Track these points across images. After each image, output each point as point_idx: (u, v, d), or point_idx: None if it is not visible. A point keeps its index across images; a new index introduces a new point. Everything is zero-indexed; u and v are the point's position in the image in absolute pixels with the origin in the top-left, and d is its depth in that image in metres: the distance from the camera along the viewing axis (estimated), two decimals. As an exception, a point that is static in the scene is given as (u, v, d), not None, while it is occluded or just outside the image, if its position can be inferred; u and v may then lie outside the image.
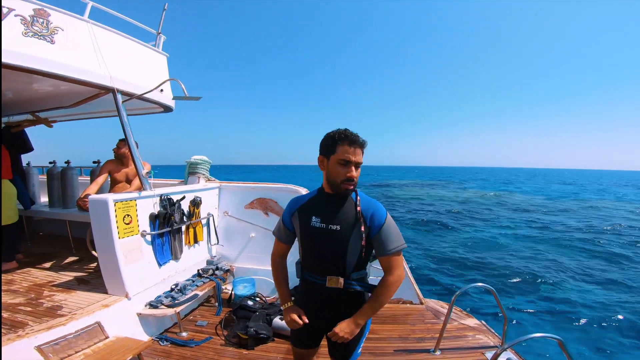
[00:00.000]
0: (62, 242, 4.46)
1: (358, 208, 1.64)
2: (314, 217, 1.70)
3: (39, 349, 2.25)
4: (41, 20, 2.66)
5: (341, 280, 1.65)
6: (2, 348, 2.13)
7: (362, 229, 1.62)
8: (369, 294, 1.69)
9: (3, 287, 3.24)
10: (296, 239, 1.86)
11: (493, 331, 3.27)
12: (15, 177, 4.11)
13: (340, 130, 1.63)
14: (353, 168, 1.61)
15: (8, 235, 3.84)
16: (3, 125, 4.39)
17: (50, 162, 4.87)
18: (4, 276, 3.56)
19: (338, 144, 1.61)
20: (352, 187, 1.64)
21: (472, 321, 3.43)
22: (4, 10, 2.41)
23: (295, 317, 1.71)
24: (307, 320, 1.71)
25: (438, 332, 3.11)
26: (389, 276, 1.63)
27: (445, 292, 7.59)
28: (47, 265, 3.91)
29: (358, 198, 1.67)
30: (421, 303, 3.82)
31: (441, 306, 3.78)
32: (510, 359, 2.69)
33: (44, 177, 5.23)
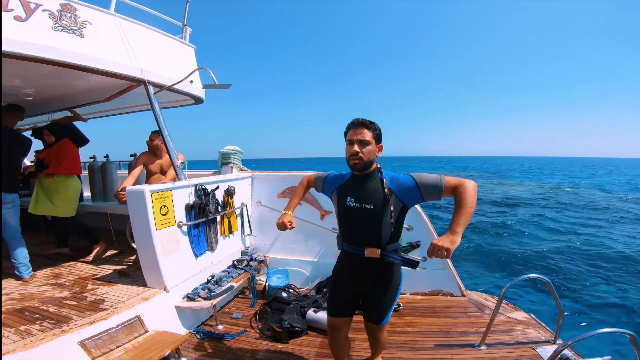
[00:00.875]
0: (105, 235, 4.63)
1: (386, 190, 1.86)
2: (349, 198, 1.95)
3: (82, 344, 2.32)
4: (69, 14, 2.67)
5: (378, 251, 1.89)
6: (50, 343, 2.20)
7: (392, 208, 1.83)
8: (402, 266, 1.99)
9: (51, 281, 3.40)
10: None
11: (544, 325, 3.03)
12: None
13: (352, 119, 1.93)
14: (356, 145, 1.85)
15: (65, 226, 4.12)
16: (49, 121, 4.59)
17: (90, 157, 5.05)
18: (52, 269, 3.75)
19: (347, 130, 1.93)
20: (357, 161, 1.86)
21: (520, 314, 3.20)
22: (31, 6, 2.42)
23: (287, 221, 2.08)
24: (294, 226, 2.12)
25: (482, 326, 2.92)
26: (458, 187, 1.72)
27: (490, 285, 7.22)
28: (90, 258, 4.07)
29: (384, 179, 1.89)
30: (463, 295, 3.62)
31: (485, 299, 3.55)
32: (565, 354, 2.47)
33: (85, 172, 5.46)
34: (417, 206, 3.84)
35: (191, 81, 3.76)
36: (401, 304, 3.45)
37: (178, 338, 2.62)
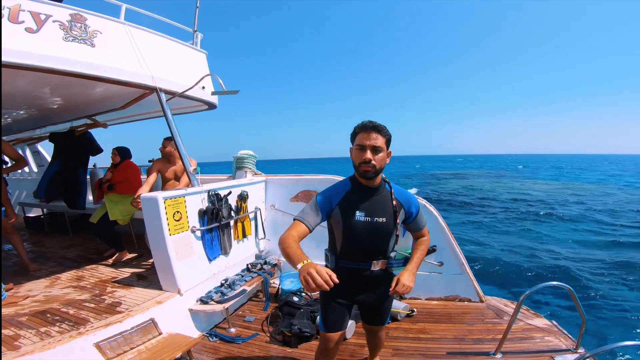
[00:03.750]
0: (126, 239, 4.78)
1: (394, 202, 1.85)
2: (358, 212, 1.82)
3: (97, 345, 2.40)
4: (79, 24, 2.75)
5: (384, 262, 1.90)
6: (65, 345, 2.29)
7: (398, 220, 1.85)
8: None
9: (74, 283, 3.55)
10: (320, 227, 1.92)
11: (566, 332, 2.88)
12: (81, 178, 4.74)
13: (363, 121, 1.78)
14: (368, 151, 1.72)
15: (104, 230, 4.36)
16: (68, 129, 4.84)
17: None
18: (76, 271, 3.92)
19: (356, 133, 1.78)
20: (369, 169, 1.74)
21: (540, 321, 3.05)
22: (42, 17, 2.51)
23: (326, 274, 1.40)
24: (337, 281, 1.42)
25: (499, 332, 2.81)
26: (425, 237, 2.04)
27: (509, 292, 6.96)
28: (111, 261, 4.22)
29: (392, 191, 1.87)
30: (481, 301, 3.50)
31: (504, 304, 3.41)
32: None
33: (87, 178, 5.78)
34: (433, 209, 3.75)
35: (203, 87, 3.81)
36: (415, 309, 3.38)
37: (190, 341, 2.67)
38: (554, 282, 2.60)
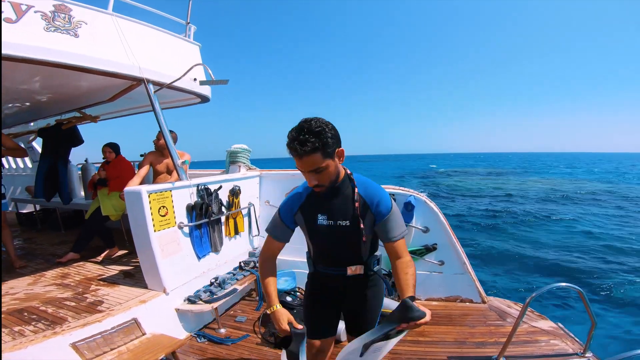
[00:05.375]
0: (117, 235, 4.65)
1: (356, 203, 1.56)
2: (319, 215, 1.63)
3: (74, 346, 2.26)
4: (63, 15, 2.67)
5: (361, 267, 1.68)
6: (38, 345, 2.15)
7: (361, 224, 1.56)
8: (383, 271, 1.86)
9: (58, 281, 3.41)
10: (296, 234, 1.78)
11: (573, 336, 2.71)
12: (61, 170, 4.72)
13: (291, 131, 1.43)
14: (311, 177, 1.48)
15: (95, 225, 4.24)
16: (54, 122, 4.74)
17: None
18: (62, 269, 3.77)
19: (290, 153, 1.45)
20: (321, 189, 1.53)
21: (545, 324, 2.89)
22: (23, 7, 2.41)
23: (283, 325, 1.51)
24: (298, 326, 1.52)
25: (503, 335, 2.65)
26: (403, 258, 1.54)
27: (512, 292, 6.77)
28: (100, 258, 4.08)
29: (356, 191, 1.58)
30: (483, 302, 3.33)
31: (508, 306, 3.25)
32: None
33: (79, 173, 5.69)
34: (434, 206, 3.60)
35: (195, 79, 3.69)
36: (414, 311, 3.22)
37: (175, 342, 2.52)
38: (564, 284, 2.44)
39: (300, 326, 1.51)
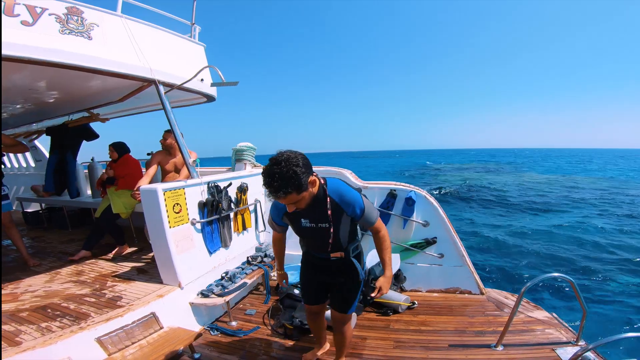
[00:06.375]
0: (126, 233, 4.76)
1: (329, 211, 1.85)
2: (303, 220, 1.95)
3: (98, 340, 2.40)
4: (75, 17, 2.73)
5: (341, 253, 2.05)
6: (67, 340, 2.29)
7: (342, 221, 1.91)
8: (363, 257, 2.24)
9: (74, 278, 3.54)
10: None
11: (566, 325, 2.89)
12: (70, 163, 4.92)
13: (264, 173, 1.65)
14: (289, 206, 1.75)
15: (107, 223, 4.32)
16: (61, 123, 4.84)
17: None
18: (75, 266, 3.90)
19: None
20: (300, 210, 1.82)
21: (540, 313, 3.06)
22: (37, 10, 2.48)
23: (279, 280, 2.54)
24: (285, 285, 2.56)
25: (500, 325, 2.82)
26: (380, 232, 2.02)
27: (509, 284, 6.96)
28: (111, 255, 4.21)
29: (328, 200, 1.84)
30: (482, 293, 3.50)
31: (505, 297, 3.42)
32: (586, 357, 2.35)
33: (86, 172, 5.77)
34: (434, 201, 3.74)
35: (202, 80, 3.79)
36: (416, 302, 3.38)
37: (192, 334, 2.67)
38: (555, 274, 2.61)
39: (285, 286, 2.58)
